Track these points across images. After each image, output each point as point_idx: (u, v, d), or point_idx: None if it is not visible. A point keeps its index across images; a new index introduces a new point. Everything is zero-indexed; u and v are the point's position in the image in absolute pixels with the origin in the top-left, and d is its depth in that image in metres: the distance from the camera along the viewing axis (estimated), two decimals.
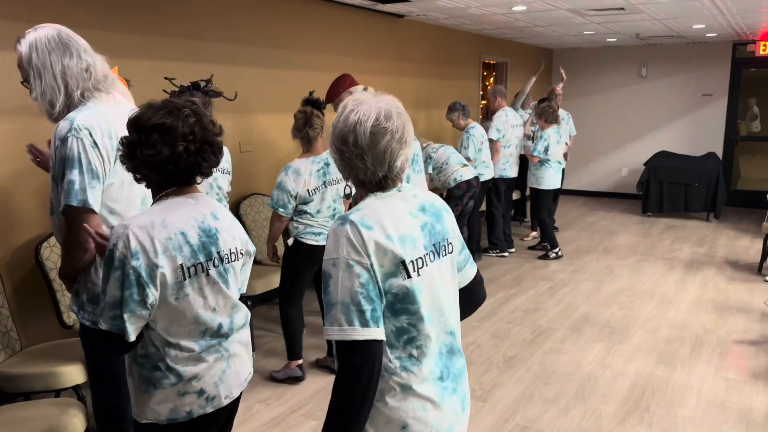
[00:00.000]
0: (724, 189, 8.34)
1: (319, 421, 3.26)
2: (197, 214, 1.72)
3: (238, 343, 1.83)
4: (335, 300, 1.34)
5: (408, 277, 1.39)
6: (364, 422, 1.36)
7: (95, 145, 1.98)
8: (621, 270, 6.09)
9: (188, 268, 1.66)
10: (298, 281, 3.68)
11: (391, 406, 1.40)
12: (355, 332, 1.32)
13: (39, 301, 3.44)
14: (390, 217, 1.40)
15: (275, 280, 4.32)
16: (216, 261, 1.73)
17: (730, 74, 9.25)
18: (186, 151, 1.65)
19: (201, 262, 1.69)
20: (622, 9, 6.08)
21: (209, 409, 1.75)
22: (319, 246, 3.63)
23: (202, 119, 1.71)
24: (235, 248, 1.80)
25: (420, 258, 1.42)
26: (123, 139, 1.69)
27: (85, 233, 1.85)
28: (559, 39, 8.85)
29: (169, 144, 1.63)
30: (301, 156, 3.58)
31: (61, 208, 1.99)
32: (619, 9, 6.08)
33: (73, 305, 2.17)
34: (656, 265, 6.27)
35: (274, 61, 5.05)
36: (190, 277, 1.67)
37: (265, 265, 4.58)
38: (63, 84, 2.03)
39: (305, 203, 3.55)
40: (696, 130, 9.62)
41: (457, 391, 1.52)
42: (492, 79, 9.30)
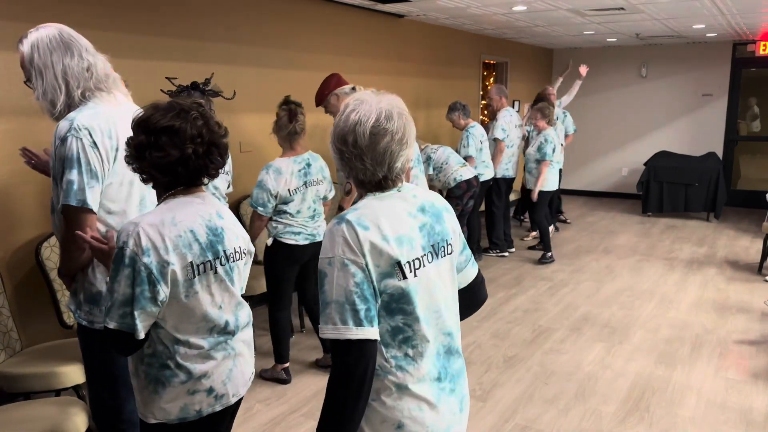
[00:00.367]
0: (724, 189, 8.34)
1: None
2: (204, 213, 1.74)
3: (242, 342, 1.86)
4: (330, 299, 1.34)
5: (404, 278, 1.38)
6: (358, 421, 1.35)
7: (95, 145, 1.98)
8: (621, 270, 6.09)
9: (197, 265, 1.69)
10: (283, 283, 3.67)
11: (387, 405, 1.40)
12: (350, 331, 1.32)
13: (39, 301, 3.44)
14: (387, 218, 1.40)
15: None
16: (222, 259, 1.76)
17: (730, 74, 9.25)
18: (195, 153, 1.68)
19: (210, 260, 1.72)
20: (622, 9, 6.08)
21: (218, 408, 1.77)
22: (298, 245, 3.61)
23: (209, 121, 1.73)
24: (239, 247, 1.83)
25: (417, 259, 1.41)
26: (130, 141, 1.69)
27: (78, 238, 1.86)
28: (559, 39, 8.85)
29: (179, 146, 1.65)
30: (283, 155, 3.56)
31: (59, 207, 1.99)
32: (619, 9, 6.08)
33: (71, 304, 2.18)
34: (656, 265, 6.27)
35: (274, 61, 5.05)
36: (199, 274, 1.69)
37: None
38: (64, 83, 2.03)
39: (285, 203, 3.52)
40: (696, 130, 9.62)
41: (456, 392, 1.51)
42: (492, 79, 9.30)
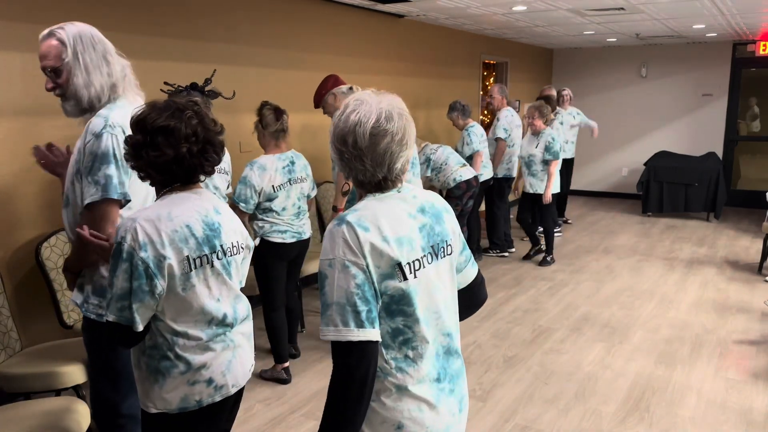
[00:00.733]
0: (724, 189, 8.34)
1: (319, 421, 3.26)
2: (201, 209, 1.78)
3: (241, 334, 1.90)
4: (331, 300, 1.34)
5: (404, 279, 1.38)
6: (360, 423, 1.35)
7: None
8: (621, 270, 6.09)
9: (194, 259, 1.73)
10: (273, 282, 3.70)
11: (387, 406, 1.40)
12: (351, 333, 1.32)
13: (39, 301, 3.44)
14: (387, 219, 1.39)
15: None
16: (219, 254, 1.80)
17: (730, 74, 9.25)
18: (189, 152, 1.72)
19: (206, 254, 1.76)
20: (622, 9, 6.08)
21: (218, 398, 1.81)
22: (285, 244, 3.64)
23: (204, 120, 1.76)
24: (236, 242, 1.88)
25: (417, 260, 1.41)
26: (128, 139, 1.74)
27: (82, 236, 1.89)
28: (559, 39, 8.85)
29: (173, 146, 1.69)
30: (267, 153, 3.61)
31: (90, 201, 2.01)
32: (619, 9, 6.08)
33: (76, 298, 2.19)
34: (656, 265, 6.27)
35: (274, 61, 5.05)
36: (196, 268, 1.74)
37: None
38: (97, 81, 2.09)
39: (270, 200, 3.55)
40: (696, 130, 9.62)
41: (455, 393, 1.51)
42: (492, 79, 9.30)
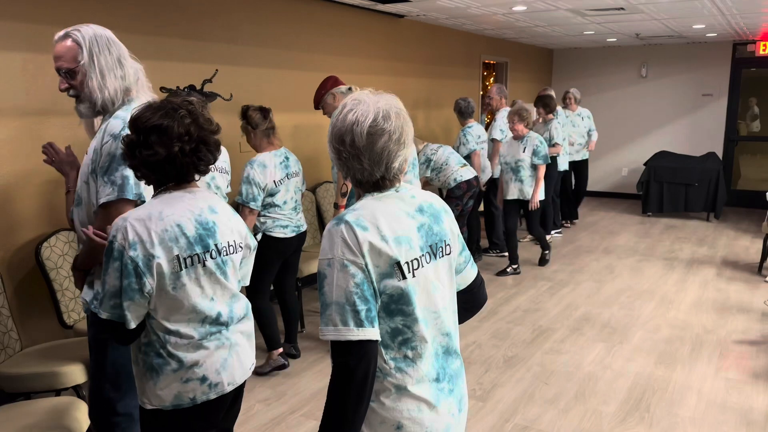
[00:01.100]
0: (724, 189, 8.34)
1: (319, 420, 3.26)
2: (194, 208, 1.78)
3: (240, 333, 1.90)
4: (330, 300, 1.34)
5: (403, 278, 1.38)
6: (360, 423, 1.35)
7: None
8: (621, 270, 6.09)
9: (184, 258, 1.73)
10: (266, 275, 3.77)
11: (386, 406, 1.40)
12: (350, 332, 1.32)
13: (39, 301, 3.44)
14: (386, 218, 1.40)
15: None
16: (213, 253, 1.80)
17: (730, 74, 9.25)
18: (181, 151, 1.73)
19: (197, 253, 1.76)
20: (622, 9, 6.08)
21: (212, 396, 1.81)
22: (287, 238, 3.73)
23: (198, 119, 1.77)
24: (234, 241, 1.87)
25: (415, 259, 1.41)
26: (124, 138, 1.75)
27: (88, 237, 1.91)
28: (559, 39, 8.85)
29: (166, 145, 1.70)
30: (262, 151, 3.68)
31: (103, 202, 2.03)
32: (619, 9, 6.08)
33: (87, 296, 2.21)
34: (656, 265, 6.27)
35: (274, 61, 5.05)
36: (186, 267, 1.74)
37: None
38: (108, 85, 2.11)
39: (272, 195, 3.64)
40: (696, 130, 9.62)
41: (454, 392, 1.51)
42: (492, 79, 9.30)
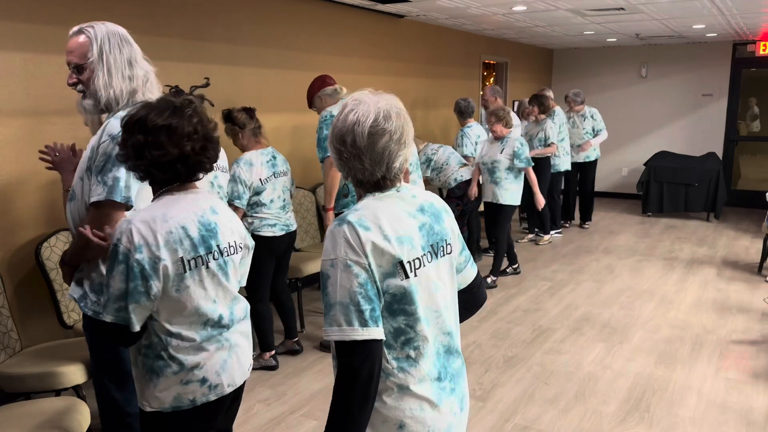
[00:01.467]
0: (724, 189, 8.34)
1: (319, 421, 3.26)
2: (197, 209, 1.77)
3: (240, 333, 1.90)
4: (334, 300, 1.34)
5: (406, 277, 1.38)
6: (365, 423, 1.35)
7: None
8: (621, 270, 6.09)
9: (188, 260, 1.72)
10: (262, 275, 3.78)
11: (389, 405, 1.40)
12: (355, 332, 1.32)
13: (39, 301, 3.44)
14: (388, 218, 1.40)
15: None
16: (216, 254, 1.79)
17: (730, 74, 9.25)
18: (192, 149, 1.73)
19: (201, 255, 1.75)
20: (622, 9, 6.08)
21: (212, 397, 1.81)
22: (276, 237, 3.75)
23: (203, 117, 1.78)
24: (234, 242, 1.87)
25: (417, 258, 1.42)
26: (127, 140, 1.72)
27: (80, 233, 1.90)
28: (559, 39, 8.85)
29: (177, 144, 1.70)
30: (249, 150, 3.70)
31: (94, 201, 2.03)
32: (619, 9, 6.08)
33: (74, 293, 2.19)
34: (656, 265, 6.27)
35: (274, 61, 5.05)
36: (190, 269, 1.73)
37: None
38: (114, 84, 2.11)
39: (258, 193, 3.66)
40: (696, 130, 9.62)
41: (456, 392, 1.51)
42: (492, 79, 9.30)
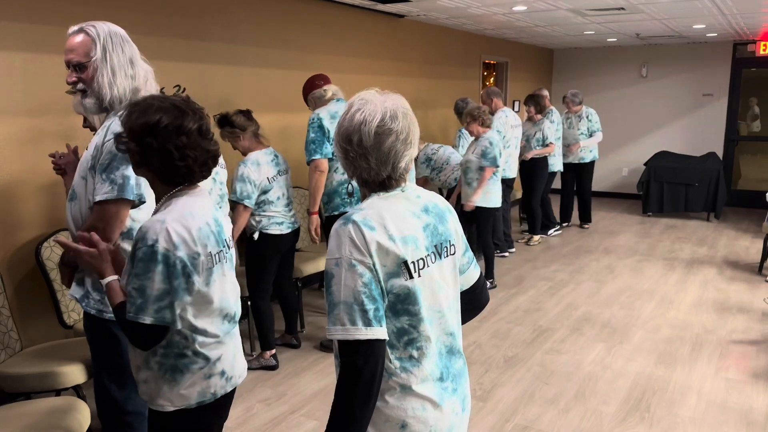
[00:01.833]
0: (724, 189, 8.34)
1: (319, 421, 3.26)
2: (208, 207, 1.82)
3: (237, 327, 1.96)
4: (338, 300, 1.34)
5: (410, 277, 1.39)
6: (367, 423, 1.35)
7: None
8: (621, 270, 6.09)
9: (215, 254, 1.78)
10: (266, 273, 3.82)
11: (391, 405, 1.40)
12: (359, 331, 1.32)
13: (39, 301, 3.44)
14: (392, 218, 1.40)
15: None
16: (225, 249, 1.85)
17: (731, 74, 9.25)
18: (206, 150, 1.78)
19: (221, 250, 1.81)
20: (623, 9, 6.08)
21: (229, 388, 1.86)
22: (283, 235, 3.81)
23: (204, 116, 1.82)
24: (229, 237, 1.93)
25: (421, 259, 1.42)
26: (170, 145, 1.69)
27: (63, 245, 1.86)
28: (560, 39, 8.85)
29: (207, 145, 1.77)
30: (253, 150, 3.73)
31: (102, 199, 2.03)
32: (619, 9, 6.08)
33: (75, 293, 2.19)
34: (656, 265, 6.27)
35: (274, 61, 5.05)
36: (216, 263, 1.78)
37: None
38: (118, 83, 2.12)
39: (266, 192, 3.70)
40: (696, 130, 9.62)
41: (458, 392, 1.51)
42: (492, 79, 9.30)
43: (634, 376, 3.78)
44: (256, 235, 3.74)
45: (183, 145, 1.72)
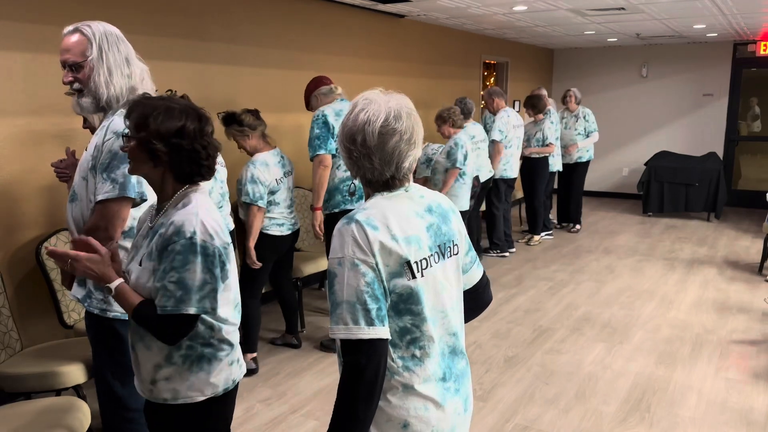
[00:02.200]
0: (724, 189, 8.34)
1: (319, 421, 3.26)
2: (213, 202, 1.88)
3: None
4: (341, 299, 1.34)
5: (413, 277, 1.39)
6: (369, 422, 1.35)
7: None
8: (621, 270, 6.09)
9: (230, 244, 1.83)
10: (260, 273, 3.80)
11: (393, 404, 1.41)
12: (361, 331, 1.32)
13: (39, 301, 3.44)
14: (396, 218, 1.40)
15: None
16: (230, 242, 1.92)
17: (731, 74, 9.25)
18: (218, 144, 1.87)
19: (231, 241, 1.87)
20: (623, 9, 6.08)
21: (241, 375, 1.91)
22: (283, 236, 3.81)
23: (203, 115, 1.87)
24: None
25: (424, 259, 1.42)
26: (197, 145, 1.75)
27: (52, 255, 1.79)
28: (560, 39, 8.85)
29: (215, 141, 1.86)
30: (261, 152, 3.72)
31: (104, 198, 2.03)
32: (619, 9, 6.08)
33: (77, 293, 2.19)
34: (657, 265, 6.27)
35: (274, 61, 5.05)
36: (231, 252, 1.84)
37: None
38: (115, 82, 2.12)
39: (273, 193, 3.70)
40: (696, 130, 9.62)
41: (460, 392, 1.51)
42: (492, 79, 9.30)
43: (634, 376, 3.78)
44: None
45: (206, 145, 1.79)
